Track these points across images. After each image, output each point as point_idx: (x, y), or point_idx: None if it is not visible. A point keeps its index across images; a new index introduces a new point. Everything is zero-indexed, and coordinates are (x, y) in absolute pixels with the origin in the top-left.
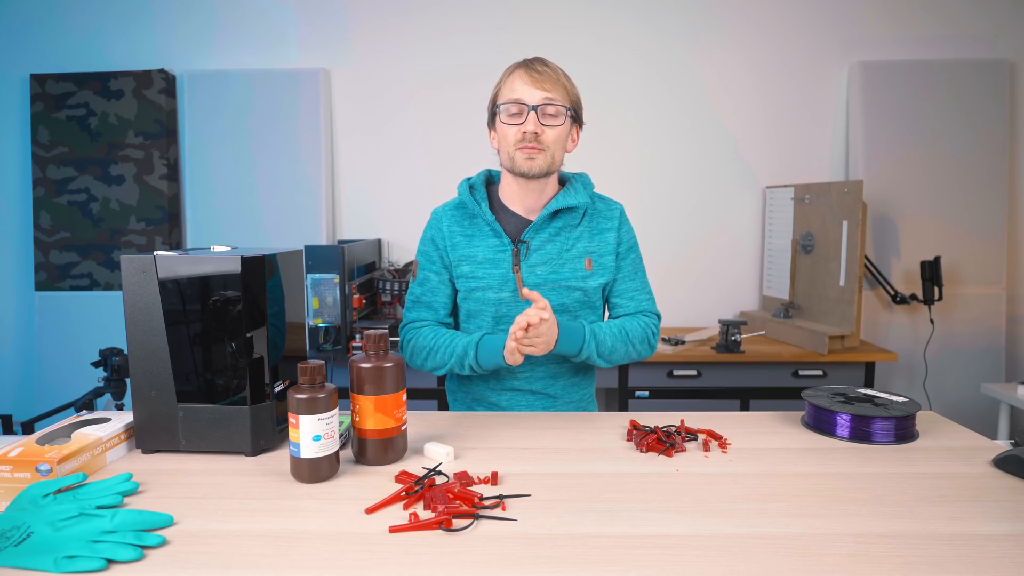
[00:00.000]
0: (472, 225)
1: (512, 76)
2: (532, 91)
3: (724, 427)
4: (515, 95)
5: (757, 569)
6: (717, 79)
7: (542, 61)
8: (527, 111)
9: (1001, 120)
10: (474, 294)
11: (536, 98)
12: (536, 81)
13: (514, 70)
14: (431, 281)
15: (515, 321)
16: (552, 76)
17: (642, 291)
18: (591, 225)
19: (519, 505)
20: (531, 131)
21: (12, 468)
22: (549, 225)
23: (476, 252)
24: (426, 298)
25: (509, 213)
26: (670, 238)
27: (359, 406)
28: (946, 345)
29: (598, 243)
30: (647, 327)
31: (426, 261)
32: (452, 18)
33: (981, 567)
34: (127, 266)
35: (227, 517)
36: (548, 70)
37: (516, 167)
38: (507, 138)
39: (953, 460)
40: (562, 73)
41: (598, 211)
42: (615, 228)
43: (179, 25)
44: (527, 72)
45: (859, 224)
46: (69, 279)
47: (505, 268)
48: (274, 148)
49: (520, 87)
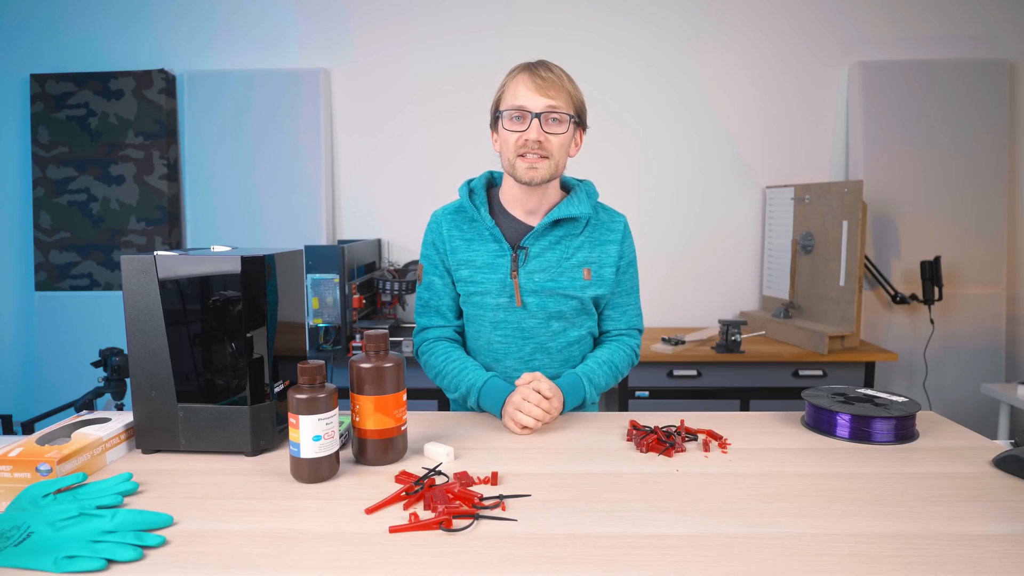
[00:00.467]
0: (471, 229)
1: (516, 80)
2: (536, 98)
3: (724, 427)
4: (518, 101)
5: (757, 569)
6: (717, 79)
7: (547, 66)
8: (530, 118)
9: (1001, 120)
10: (473, 298)
11: (540, 105)
12: (540, 88)
13: (518, 74)
14: (436, 285)
15: (524, 414)
16: (556, 82)
17: (634, 307)
18: (593, 236)
19: (519, 505)
20: (533, 139)
21: (12, 468)
22: (550, 233)
23: (475, 256)
24: (434, 302)
25: (509, 217)
26: (670, 238)
27: (359, 406)
28: (946, 345)
29: (599, 254)
30: (631, 350)
31: (429, 265)
32: (452, 18)
33: (981, 567)
34: (127, 266)
35: (227, 517)
36: (552, 76)
37: (517, 175)
38: (508, 144)
39: (953, 460)
40: (566, 77)
41: (601, 222)
42: (618, 241)
43: (179, 25)
44: (531, 78)
45: (859, 224)
46: (69, 279)
47: (504, 273)
48: (274, 148)
49: (524, 93)
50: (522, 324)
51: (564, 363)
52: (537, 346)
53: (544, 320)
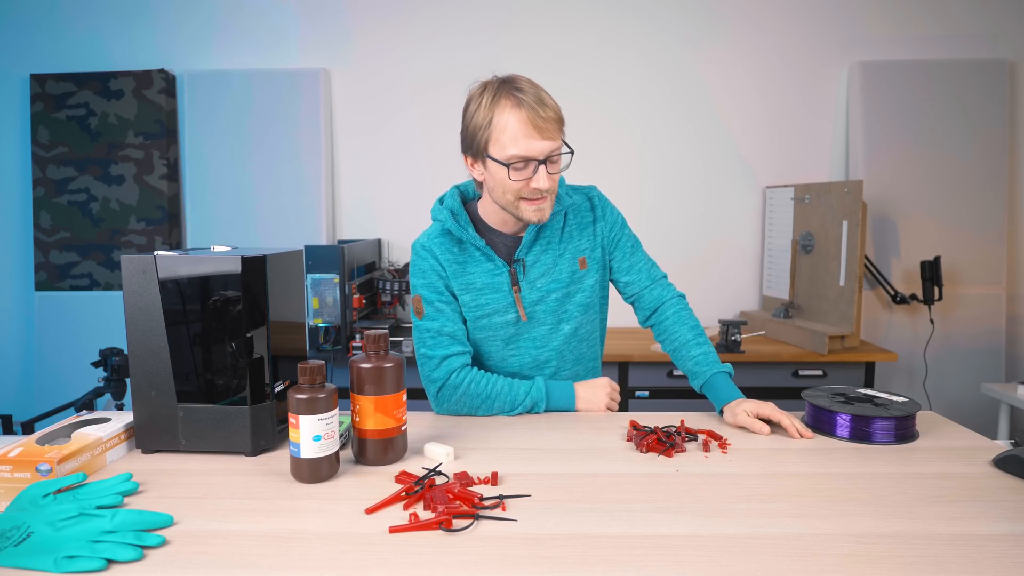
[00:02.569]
0: (462, 252)
1: (508, 118)
2: (538, 143)
3: (724, 427)
4: (519, 149)
5: (757, 569)
6: (717, 79)
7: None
8: (536, 165)
9: (1001, 120)
10: (480, 321)
11: (544, 150)
12: (540, 129)
13: (506, 108)
14: (445, 312)
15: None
16: (552, 117)
17: (648, 261)
18: (574, 222)
19: (519, 505)
20: (545, 188)
21: (12, 468)
22: (539, 238)
23: (473, 279)
24: (448, 328)
25: (495, 233)
26: (670, 238)
27: (359, 406)
28: (946, 345)
29: (587, 238)
30: (683, 306)
31: (433, 293)
32: (452, 18)
33: (981, 567)
34: (127, 266)
35: (227, 517)
36: (548, 111)
37: (523, 217)
38: (508, 186)
39: (953, 460)
40: (551, 101)
41: (576, 205)
42: (593, 220)
43: (179, 25)
44: (526, 116)
45: (859, 224)
46: (69, 279)
47: (505, 290)
48: (274, 148)
49: (523, 140)
50: (533, 334)
51: (577, 361)
52: (552, 352)
53: (554, 325)
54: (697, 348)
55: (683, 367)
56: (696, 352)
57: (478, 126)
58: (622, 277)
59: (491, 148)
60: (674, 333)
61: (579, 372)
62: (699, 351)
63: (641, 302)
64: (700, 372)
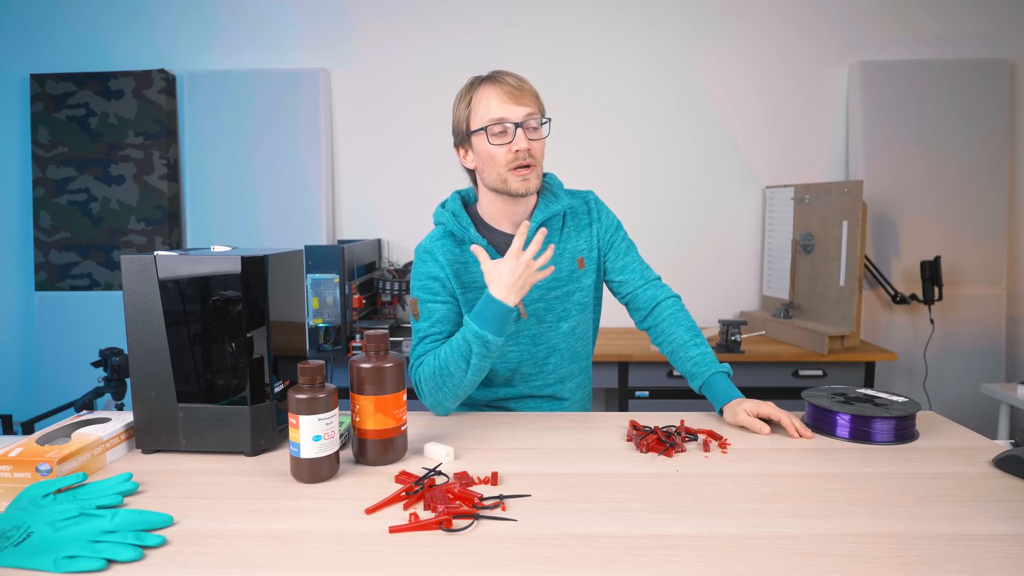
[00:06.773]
0: (464, 252)
1: (484, 94)
2: (513, 108)
3: (724, 427)
4: (495, 114)
5: (757, 569)
6: (717, 79)
7: (508, 73)
8: (513, 129)
9: (1001, 120)
10: None
11: (519, 114)
12: (514, 96)
13: (483, 87)
14: (437, 312)
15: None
16: (524, 87)
17: (641, 263)
18: (572, 224)
19: (519, 505)
20: (524, 148)
21: (12, 468)
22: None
23: (476, 278)
24: (434, 330)
25: (496, 232)
26: (670, 238)
27: (359, 406)
28: (946, 345)
29: (584, 239)
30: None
31: (429, 295)
32: (452, 18)
33: (981, 567)
34: (127, 266)
35: (227, 517)
36: (520, 82)
37: (511, 189)
38: (496, 159)
39: (953, 460)
40: (526, 80)
41: (574, 208)
42: (590, 222)
43: (179, 25)
44: (500, 88)
45: (859, 224)
46: (69, 279)
47: None
48: (274, 148)
49: (498, 105)
50: (532, 331)
51: (573, 358)
52: (550, 349)
53: (553, 323)
54: (695, 349)
55: (681, 368)
56: (694, 353)
57: (461, 112)
58: (616, 277)
59: (472, 124)
60: (671, 335)
61: (573, 369)
62: (697, 352)
63: (636, 302)
64: (699, 373)
